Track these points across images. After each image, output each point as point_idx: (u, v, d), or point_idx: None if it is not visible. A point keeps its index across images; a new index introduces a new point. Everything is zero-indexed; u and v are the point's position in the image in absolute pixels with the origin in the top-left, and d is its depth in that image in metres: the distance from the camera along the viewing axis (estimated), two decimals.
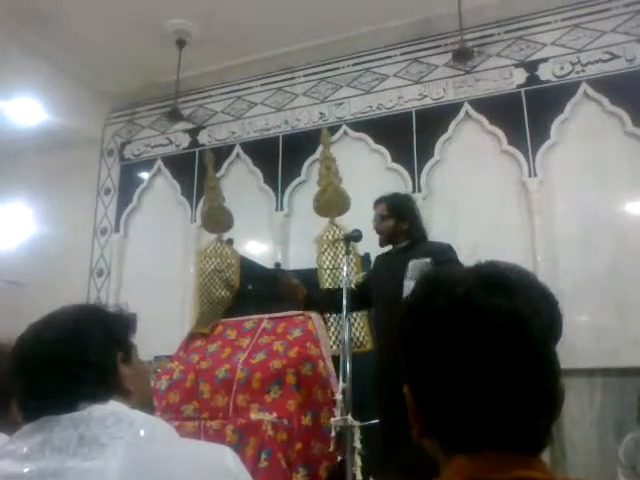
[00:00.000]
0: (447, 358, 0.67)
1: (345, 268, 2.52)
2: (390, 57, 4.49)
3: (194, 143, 5.02)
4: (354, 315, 3.27)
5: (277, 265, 4.24)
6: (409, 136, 4.26)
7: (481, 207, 3.96)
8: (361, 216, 3.25)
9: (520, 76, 4.08)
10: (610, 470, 3.19)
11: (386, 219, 2.89)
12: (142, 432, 0.90)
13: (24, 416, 0.98)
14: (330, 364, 3.14)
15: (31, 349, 1.00)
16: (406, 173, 4.22)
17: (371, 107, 4.46)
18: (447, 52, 4.25)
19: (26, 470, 0.86)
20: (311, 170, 4.44)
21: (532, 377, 0.66)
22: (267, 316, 3.56)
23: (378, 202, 2.96)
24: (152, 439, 0.90)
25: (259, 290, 3.84)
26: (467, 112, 4.18)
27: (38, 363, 0.98)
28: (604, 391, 3.47)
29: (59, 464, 0.86)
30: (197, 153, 4.93)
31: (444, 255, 2.76)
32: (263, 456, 2.68)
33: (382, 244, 2.92)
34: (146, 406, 1.02)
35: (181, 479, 0.86)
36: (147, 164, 5.17)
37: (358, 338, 3.30)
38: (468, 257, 0.72)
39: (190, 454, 0.91)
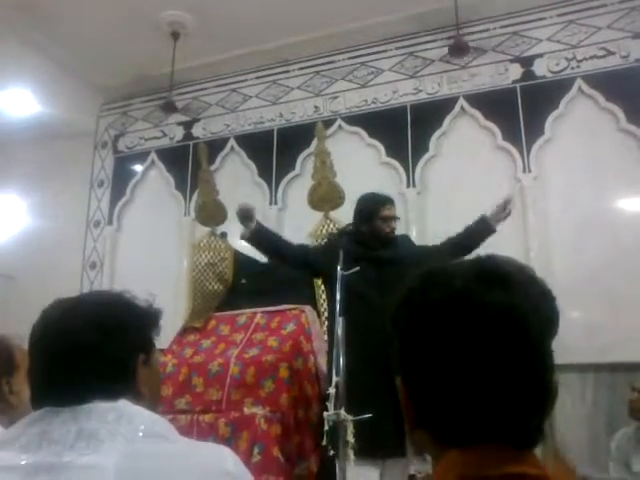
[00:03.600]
0: (443, 351, 0.66)
1: (340, 262, 2.51)
2: (385, 51, 4.47)
3: (188, 136, 5.00)
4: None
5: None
6: (404, 130, 4.25)
7: (475, 202, 3.94)
8: None
9: (515, 71, 4.08)
10: (601, 465, 3.21)
11: (396, 220, 2.96)
12: (142, 429, 0.89)
13: (33, 400, 0.96)
14: (322, 359, 3.15)
15: (57, 335, 0.97)
16: (400, 168, 4.21)
17: (366, 101, 4.45)
18: (443, 47, 4.24)
19: (23, 462, 0.86)
20: (305, 164, 4.43)
21: (528, 373, 0.65)
22: (260, 310, 3.56)
23: (391, 202, 2.96)
24: (152, 437, 0.89)
25: (253, 284, 3.84)
26: (462, 107, 4.17)
27: (61, 350, 0.95)
28: (596, 387, 3.49)
29: (56, 459, 0.85)
30: (191, 146, 4.91)
31: (416, 247, 3.00)
32: (256, 450, 2.69)
33: (387, 246, 2.89)
34: (153, 407, 1.00)
35: (178, 478, 0.85)
36: (141, 157, 5.15)
37: None
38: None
39: (189, 454, 0.90)
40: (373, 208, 2.89)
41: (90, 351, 0.95)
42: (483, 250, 0.75)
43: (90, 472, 0.83)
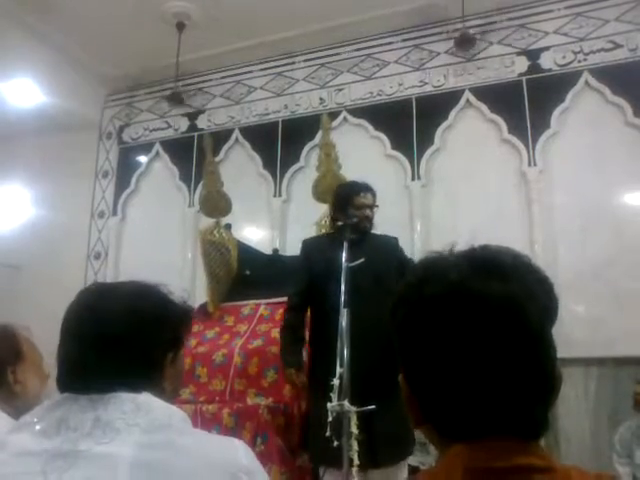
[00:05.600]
0: (443, 346, 0.66)
1: (344, 254, 2.51)
2: (391, 43, 4.45)
3: (193, 127, 4.99)
4: None
5: (275, 251, 4.24)
6: (409, 123, 4.24)
7: (480, 196, 3.96)
8: None
9: (521, 64, 4.06)
10: (604, 459, 3.22)
11: (374, 209, 2.87)
12: (158, 421, 0.90)
13: (58, 381, 0.97)
14: None
15: (91, 321, 0.97)
16: (405, 160, 4.20)
17: (371, 93, 4.43)
18: (449, 39, 4.22)
19: (41, 448, 0.87)
20: (310, 156, 4.42)
21: (529, 362, 0.65)
22: (265, 301, 3.57)
23: (368, 190, 2.88)
24: (167, 428, 0.90)
25: (257, 275, 3.84)
26: (468, 100, 4.16)
27: (93, 338, 0.95)
28: (599, 381, 3.49)
29: (72, 446, 0.86)
30: (196, 137, 4.91)
31: (402, 252, 2.90)
32: (259, 440, 2.70)
33: (364, 233, 2.82)
34: (170, 401, 1.00)
35: (192, 471, 0.86)
36: (145, 148, 5.15)
37: None
38: (466, 246, 0.71)
39: (204, 447, 0.91)
40: (347, 196, 2.85)
41: (122, 343, 0.95)
42: (485, 242, 0.75)
43: (105, 461, 0.84)
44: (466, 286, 0.66)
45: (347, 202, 2.83)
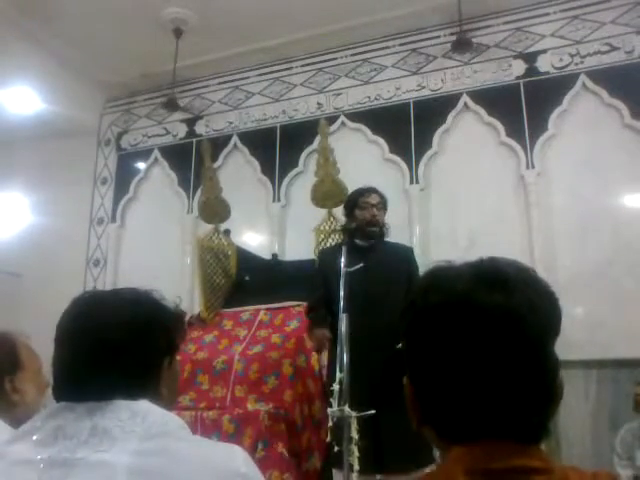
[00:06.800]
0: (445, 352, 0.68)
1: (343, 259, 2.51)
2: (388, 47, 4.46)
3: (191, 133, 5.00)
4: None
5: (274, 256, 4.24)
6: (407, 127, 4.25)
7: (479, 199, 3.96)
8: None
9: (519, 67, 4.07)
10: (604, 461, 3.21)
11: (381, 210, 2.89)
12: (155, 428, 0.89)
13: (54, 391, 0.96)
14: (324, 356, 3.15)
15: (87, 329, 0.96)
16: (404, 164, 4.21)
17: (369, 98, 4.44)
18: (446, 43, 4.23)
19: (38, 457, 0.87)
20: (309, 161, 4.43)
21: (529, 372, 0.66)
22: (264, 307, 3.57)
23: (373, 191, 2.91)
24: (164, 435, 0.89)
25: (256, 281, 3.85)
26: (465, 103, 4.16)
27: (89, 345, 0.94)
28: (599, 383, 3.48)
29: (70, 454, 0.86)
30: (194, 143, 4.91)
31: (414, 263, 2.88)
32: (260, 446, 2.70)
33: (376, 237, 2.84)
34: (169, 407, 0.99)
35: (190, 478, 0.85)
36: (144, 154, 5.15)
37: None
38: (465, 249, 0.72)
39: (201, 454, 0.90)
40: (353, 199, 2.93)
41: (118, 350, 0.95)
42: (486, 250, 0.76)
43: (102, 469, 0.84)
44: (469, 297, 0.68)
45: (353, 205, 2.90)
